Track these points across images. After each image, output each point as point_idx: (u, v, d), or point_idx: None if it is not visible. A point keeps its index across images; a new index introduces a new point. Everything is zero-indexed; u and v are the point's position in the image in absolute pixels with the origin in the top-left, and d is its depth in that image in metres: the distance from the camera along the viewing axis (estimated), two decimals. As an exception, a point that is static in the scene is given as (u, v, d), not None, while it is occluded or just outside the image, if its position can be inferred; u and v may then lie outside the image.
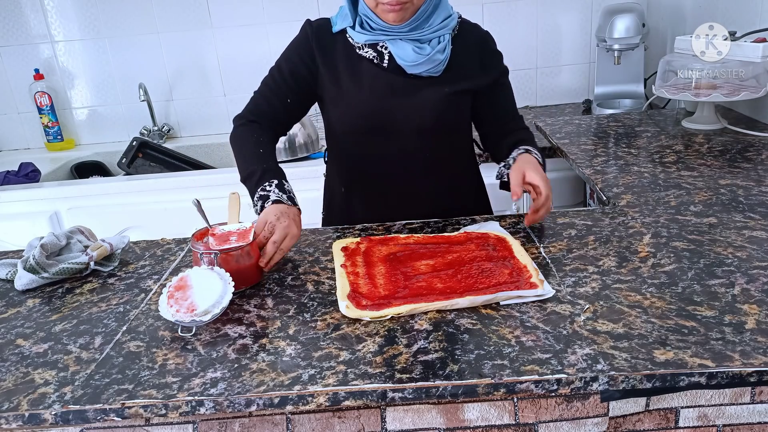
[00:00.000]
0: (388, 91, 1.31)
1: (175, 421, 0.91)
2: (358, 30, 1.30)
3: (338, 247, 1.18)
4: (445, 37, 1.30)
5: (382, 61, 1.31)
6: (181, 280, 1.00)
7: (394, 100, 1.31)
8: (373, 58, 1.31)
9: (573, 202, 2.15)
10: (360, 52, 1.32)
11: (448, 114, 1.35)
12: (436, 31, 1.29)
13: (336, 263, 1.12)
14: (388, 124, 1.33)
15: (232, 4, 2.51)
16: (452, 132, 1.39)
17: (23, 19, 2.54)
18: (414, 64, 1.28)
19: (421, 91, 1.31)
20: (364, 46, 1.31)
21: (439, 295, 0.98)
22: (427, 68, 1.29)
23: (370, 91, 1.31)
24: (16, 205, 2.17)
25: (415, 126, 1.33)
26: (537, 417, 0.91)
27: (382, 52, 1.30)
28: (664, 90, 1.88)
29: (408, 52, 1.28)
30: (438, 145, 1.37)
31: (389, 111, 1.32)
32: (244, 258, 1.07)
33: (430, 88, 1.31)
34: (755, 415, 0.92)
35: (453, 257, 1.11)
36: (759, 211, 1.23)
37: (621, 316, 0.90)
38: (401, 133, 1.33)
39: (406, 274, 1.07)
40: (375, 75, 1.31)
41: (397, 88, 1.31)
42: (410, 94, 1.31)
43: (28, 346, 0.95)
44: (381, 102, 1.32)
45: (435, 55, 1.28)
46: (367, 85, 1.31)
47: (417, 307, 0.95)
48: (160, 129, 2.66)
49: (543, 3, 2.51)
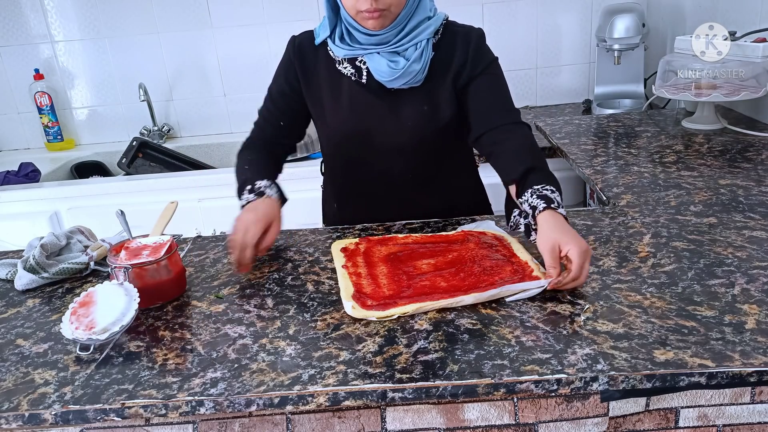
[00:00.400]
0: (367, 110, 1.28)
1: (175, 421, 0.91)
2: (338, 43, 1.26)
3: (337, 248, 1.18)
4: (421, 44, 1.23)
5: (360, 77, 1.27)
6: (86, 296, 0.98)
7: (374, 119, 1.28)
8: (352, 75, 1.27)
9: (573, 202, 2.15)
10: (339, 68, 1.28)
11: (427, 130, 1.28)
12: (414, 39, 1.22)
13: (337, 264, 1.12)
14: (369, 144, 1.30)
15: (232, 4, 2.51)
16: (435, 150, 1.33)
17: (23, 19, 2.54)
18: (391, 80, 1.23)
19: (399, 108, 1.27)
20: (344, 61, 1.27)
21: (443, 294, 0.98)
22: (405, 81, 1.23)
23: (350, 111, 1.29)
24: (16, 205, 2.17)
25: (396, 145, 1.30)
26: (537, 417, 0.91)
27: (360, 67, 1.26)
28: (664, 90, 1.88)
29: (383, 67, 1.22)
30: (424, 159, 1.33)
31: (369, 130, 1.29)
32: (160, 272, 1.04)
33: (410, 104, 1.26)
34: (755, 415, 0.92)
35: (453, 256, 1.11)
36: (759, 211, 1.23)
37: (621, 316, 0.90)
38: (383, 152, 1.31)
39: (409, 273, 1.07)
40: (354, 93, 1.28)
41: (377, 106, 1.27)
42: (390, 112, 1.28)
43: (28, 346, 0.95)
44: (361, 122, 1.29)
45: (411, 67, 1.22)
46: (347, 104, 1.28)
47: (423, 305, 0.95)
48: (160, 129, 2.66)
49: (543, 3, 2.51)
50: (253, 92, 2.59)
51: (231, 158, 1.39)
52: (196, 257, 1.23)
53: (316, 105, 1.33)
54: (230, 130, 2.70)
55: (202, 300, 1.06)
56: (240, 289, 1.08)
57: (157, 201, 2.14)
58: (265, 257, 1.20)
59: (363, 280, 1.05)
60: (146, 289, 1.01)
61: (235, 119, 2.68)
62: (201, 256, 1.23)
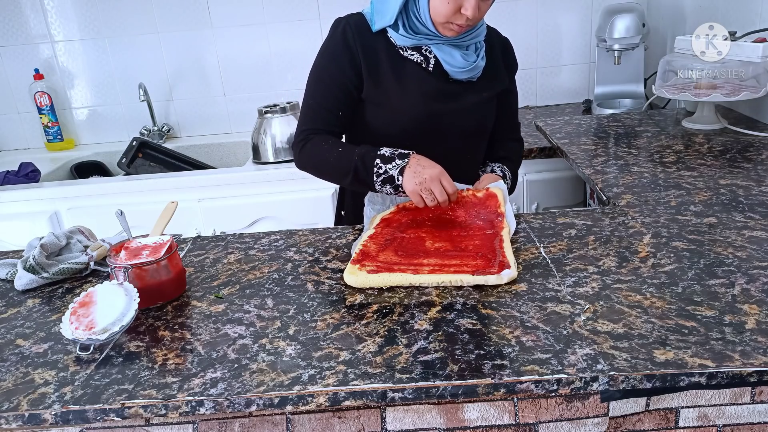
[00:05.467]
0: (436, 95, 1.33)
1: (175, 421, 0.91)
2: (401, 33, 1.29)
3: (378, 218, 1.27)
4: (481, 43, 1.35)
5: (428, 65, 1.32)
6: (86, 296, 0.98)
7: (442, 104, 1.34)
8: (421, 62, 1.32)
9: (573, 202, 2.16)
10: (405, 54, 1.32)
11: (488, 117, 1.41)
12: (474, 38, 1.32)
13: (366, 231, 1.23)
14: (436, 128, 1.35)
15: (232, 4, 2.51)
16: (487, 134, 1.45)
17: (23, 19, 2.54)
18: (462, 71, 1.31)
19: (463, 95, 1.35)
20: (408, 49, 1.32)
21: (428, 255, 1.11)
22: (472, 74, 1.33)
23: (419, 94, 1.32)
24: (16, 205, 2.17)
25: (459, 129, 1.37)
26: (537, 417, 0.91)
27: (427, 56, 1.32)
28: (664, 90, 1.88)
29: (457, 59, 1.30)
30: (477, 146, 1.44)
31: (437, 115, 1.34)
32: (160, 272, 1.04)
33: (471, 92, 1.36)
34: (755, 415, 0.92)
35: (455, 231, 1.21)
36: (759, 211, 1.23)
37: (621, 316, 0.90)
38: (447, 136, 1.36)
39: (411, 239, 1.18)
40: (422, 78, 1.32)
41: (444, 93, 1.34)
42: (456, 99, 1.35)
43: (28, 346, 0.95)
44: (430, 105, 1.33)
45: (479, 62, 1.33)
46: (415, 88, 1.32)
47: (391, 277, 1.04)
48: (160, 129, 2.66)
49: (543, 3, 2.51)
50: (253, 92, 2.60)
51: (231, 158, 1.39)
52: (196, 257, 1.23)
53: (375, 86, 1.31)
54: (230, 130, 2.70)
55: (202, 300, 1.06)
56: (240, 289, 1.08)
57: (157, 201, 2.14)
58: (265, 257, 1.20)
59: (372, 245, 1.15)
60: (146, 289, 1.01)
61: (235, 119, 2.68)
62: (201, 256, 1.23)
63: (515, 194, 2.10)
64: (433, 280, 1.03)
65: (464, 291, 1.01)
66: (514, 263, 1.05)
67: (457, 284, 1.02)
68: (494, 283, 1.01)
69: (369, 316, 0.96)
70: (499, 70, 1.40)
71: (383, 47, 1.32)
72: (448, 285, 1.02)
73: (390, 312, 0.96)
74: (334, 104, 1.31)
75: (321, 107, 1.32)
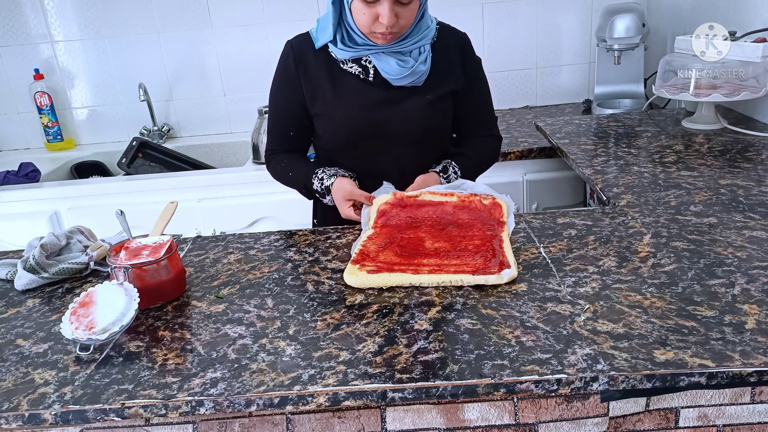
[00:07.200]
0: (374, 104, 1.35)
1: (175, 421, 0.91)
2: (340, 47, 1.32)
3: (377, 204, 1.29)
4: (425, 48, 1.34)
5: (367, 76, 1.35)
6: (86, 296, 0.98)
7: (382, 111, 1.35)
8: (359, 74, 1.35)
9: (573, 202, 2.15)
10: (344, 67, 1.35)
11: (434, 120, 1.39)
12: (417, 43, 1.32)
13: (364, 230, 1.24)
14: (377, 136, 1.37)
15: (232, 4, 2.51)
16: (438, 137, 1.43)
17: (23, 19, 2.54)
18: (399, 77, 1.32)
19: (405, 100, 1.35)
20: (348, 61, 1.34)
21: (428, 255, 1.11)
22: (411, 80, 1.33)
23: (357, 105, 1.35)
24: (16, 205, 2.17)
25: (405, 135, 1.37)
26: (537, 417, 0.91)
27: (366, 66, 1.34)
28: (664, 90, 1.88)
29: (392, 66, 1.31)
30: (425, 151, 1.42)
31: (378, 123, 1.36)
32: (160, 272, 1.05)
33: (414, 97, 1.35)
34: (755, 415, 0.92)
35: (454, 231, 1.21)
36: (759, 211, 1.23)
37: (621, 316, 0.90)
38: (391, 143, 1.38)
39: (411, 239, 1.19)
40: (360, 89, 1.35)
41: (383, 100, 1.35)
42: (398, 105, 1.35)
43: (28, 346, 0.95)
44: (368, 115, 1.35)
45: (418, 67, 1.32)
46: (353, 100, 1.35)
47: (390, 277, 1.04)
48: (160, 129, 2.66)
49: (543, 3, 2.51)
50: (253, 92, 2.60)
51: (231, 158, 1.39)
52: (196, 257, 1.23)
53: (320, 104, 1.37)
54: (230, 130, 2.70)
55: (202, 300, 1.06)
56: (240, 289, 1.08)
57: (157, 201, 2.14)
58: (265, 257, 1.20)
59: (372, 244, 1.16)
60: (146, 289, 1.01)
61: (235, 119, 2.68)
62: (201, 256, 1.23)
63: (515, 194, 2.10)
64: (433, 280, 1.03)
65: (464, 291, 1.01)
66: (514, 263, 1.05)
67: (457, 284, 1.02)
68: (494, 283, 1.01)
69: (369, 316, 0.96)
70: (453, 70, 1.38)
71: (323, 64, 1.36)
72: (448, 285, 1.02)
73: (390, 312, 0.96)
74: (284, 127, 1.44)
75: (275, 129, 1.45)
